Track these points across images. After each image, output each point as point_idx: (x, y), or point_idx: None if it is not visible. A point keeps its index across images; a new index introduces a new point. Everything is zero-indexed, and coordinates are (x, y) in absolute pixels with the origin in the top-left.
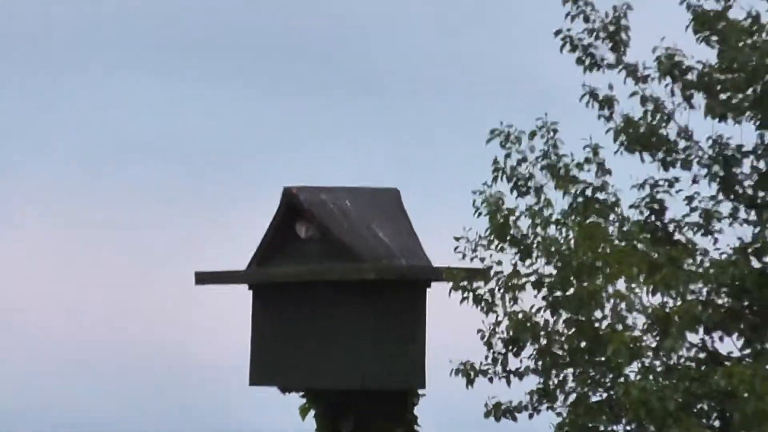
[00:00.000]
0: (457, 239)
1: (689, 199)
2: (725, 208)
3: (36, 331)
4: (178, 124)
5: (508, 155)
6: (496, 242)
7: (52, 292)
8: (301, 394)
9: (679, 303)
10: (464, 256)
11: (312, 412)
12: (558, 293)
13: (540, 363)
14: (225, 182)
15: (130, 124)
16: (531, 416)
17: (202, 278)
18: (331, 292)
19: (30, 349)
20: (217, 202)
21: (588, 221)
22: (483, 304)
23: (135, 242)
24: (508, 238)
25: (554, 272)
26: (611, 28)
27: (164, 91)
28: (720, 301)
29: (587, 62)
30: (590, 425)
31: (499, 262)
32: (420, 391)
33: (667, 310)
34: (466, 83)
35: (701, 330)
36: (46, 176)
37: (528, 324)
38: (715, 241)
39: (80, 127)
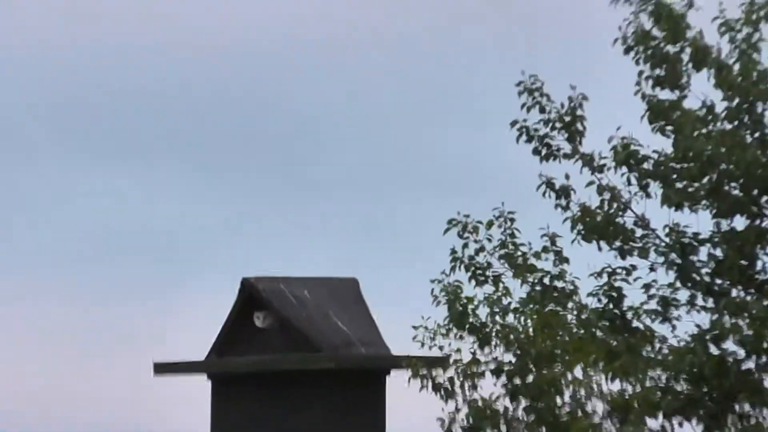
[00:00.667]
0: (415, 328)
1: (647, 286)
2: (683, 295)
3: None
4: (135, 217)
5: (465, 245)
6: (454, 330)
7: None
8: None
9: (638, 390)
10: (423, 344)
11: None
12: (517, 381)
13: None
14: (183, 273)
15: (82, 219)
16: None
17: (161, 369)
18: (290, 382)
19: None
20: (175, 293)
21: (546, 309)
22: (443, 391)
23: (92, 333)
24: (466, 326)
25: (513, 360)
26: (567, 119)
27: (118, 183)
28: (679, 388)
29: (543, 152)
30: None
31: (458, 350)
32: None
33: (627, 396)
34: (423, 174)
35: (660, 416)
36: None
37: (488, 411)
38: (673, 328)
39: (31, 221)
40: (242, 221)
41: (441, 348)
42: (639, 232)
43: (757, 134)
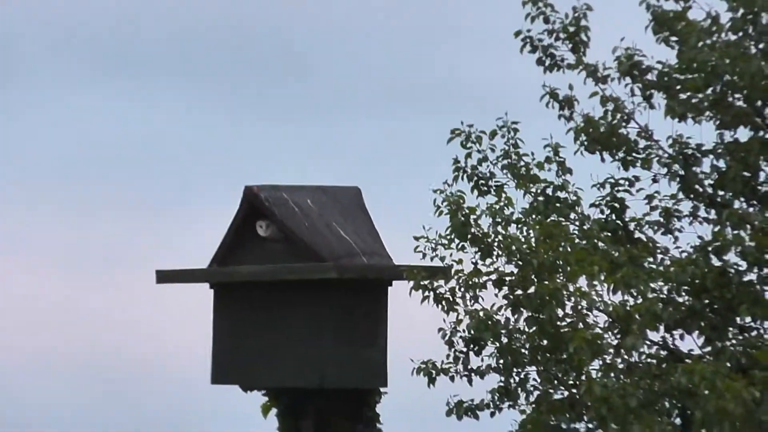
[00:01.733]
0: (417, 238)
1: (649, 198)
2: (685, 207)
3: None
4: (135, 128)
5: (468, 155)
6: (456, 241)
7: (4, 293)
8: (262, 392)
9: (639, 301)
10: (424, 255)
11: (274, 411)
12: (519, 292)
13: (501, 361)
14: (186, 182)
15: (79, 133)
16: (493, 414)
17: (164, 277)
18: (292, 292)
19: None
20: (178, 202)
21: (549, 220)
22: (444, 303)
23: (96, 242)
24: (468, 236)
25: (515, 271)
26: (571, 29)
27: (118, 96)
28: (680, 300)
29: (547, 63)
30: (552, 423)
31: (460, 261)
32: (382, 390)
33: (628, 308)
34: (427, 85)
35: (662, 328)
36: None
37: (489, 323)
38: (676, 240)
39: (35, 137)
40: (243, 135)
41: (442, 259)
42: (642, 143)
43: (761, 45)
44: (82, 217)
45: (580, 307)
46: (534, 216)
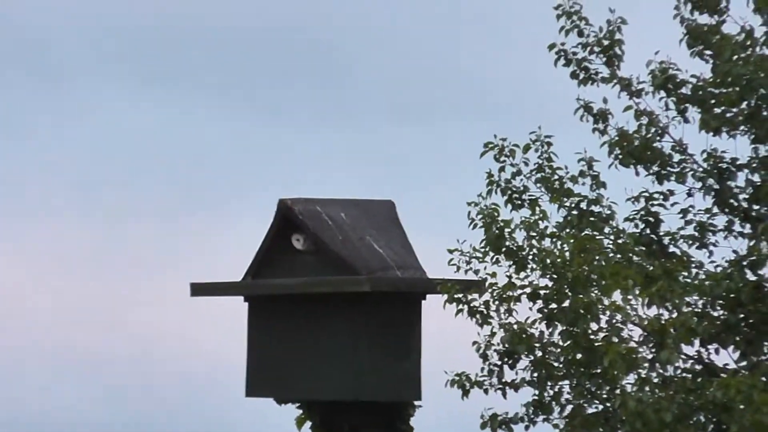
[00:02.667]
0: (450, 251)
1: (684, 212)
2: (720, 221)
3: (30, 337)
4: (171, 140)
5: (502, 168)
6: (491, 254)
7: (44, 301)
8: (297, 405)
9: (674, 315)
10: (458, 268)
11: (308, 423)
12: (553, 305)
13: (536, 375)
14: (221, 196)
15: (119, 142)
16: (527, 428)
17: (198, 289)
18: (326, 305)
19: (24, 355)
20: (213, 216)
21: (583, 234)
22: (478, 316)
23: (131, 255)
24: (503, 249)
25: (549, 284)
26: (605, 43)
27: (153, 104)
28: (715, 314)
29: (581, 76)
30: None
31: (494, 274)
32: (416, 403)
33: (663, 322)
34: (460, 98)
35: (697, 342)
36: (33, 192)
37: (523, 336)
38: (710, 254)
39: (69, 145)
40: (278, 143)
41: (476, 272)
42: (676, 157)
43: None
44: (117, 225)
45: (614, 320)
46: (568, 230)
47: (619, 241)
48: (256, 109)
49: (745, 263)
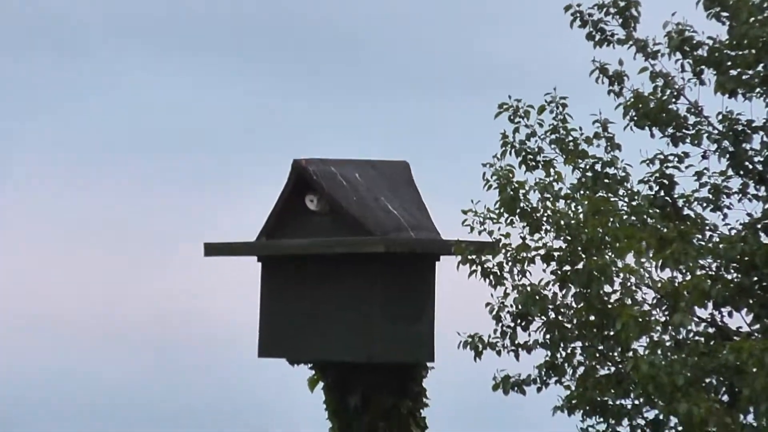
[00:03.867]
0: (464, 212)
1: (699, 174)
2: (735, 183)
3: (41, 303)
4: (183, 104)
5: (516, 129)
6: (505, 215)
7: (60, 267)
8: (309, 365)
9: (688, 278)
10: (472, 229)
11: (321, 384)
12: (567, 267)
13: (548, 337)
14: (235, 156)
15: (129, 109)
16: (539, 390)
17: (212, 249)
18: (339, 265)
19: (35, 320)
20: (226, 176)
21: (597, 196)
22: (491, 277)
23: (144, 218)
24: (517, 211)
25: (563, 246)
26: (621, 4)
27: (165, 69)
28: (729, 277)
29: (597, 38)
30: (598, 399)
31: (508, 235)
32: (428, 364)
33: (676, 285)
34: (475, 61)
35: (710, 305)
36: (48, 159)
37: (537, 297)
38: (725, 216)
39: (83, 112)
40: (293, 111)
41: (490, 233)
42: (692, 119)
43: None
44: (133, 189)
45: (628, 283)
46: (582, 191)
47: (634, 203)
48: (275, 78)
49: (759, 226)
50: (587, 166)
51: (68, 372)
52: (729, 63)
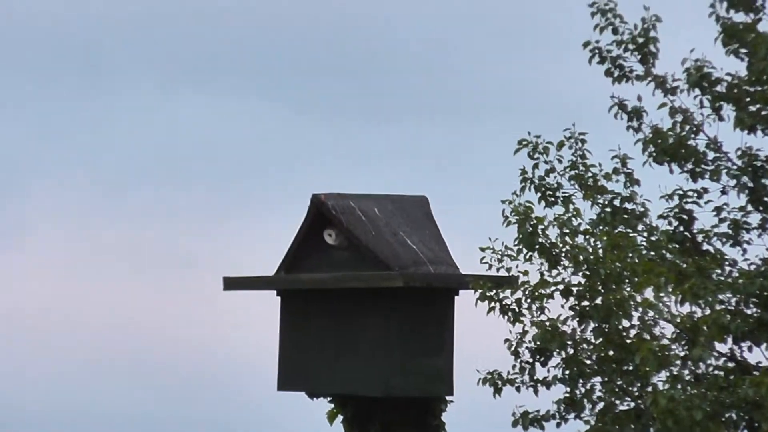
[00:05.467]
0: (483, 250)
1: (718, 210)
2: (754, 219)
3: (61, 335)
4: (203, 136)
5: (536, 165)
6: (524, 251)
7: (76, 300)
8: (329, 399)
9: (707, 312)
10: (490, 266)
11: (340, 418)
12: (586, 302)
13: (567, 372)
14: (253, 191)
15: (154, 138)
16: (558, 425)
17: (231, 283)
18: (358, 300)
19: (56, 353)
20: (245, 211)
21: (616, 231)
22: (510, 313)
23: (165, 249)
24: (536, 246)
25: (582, 281)
26: (640, 40)
27: (184, 101)
28: (748, 311)
29: (616, 74)
30: None
31: (526, 272)
32: (448, 398)
33: (696, 319)
34: (494, 98)
35: (730, 340)
36: (69, 189)
37: (555, 333)
38: (744, 251)
39: (100, 141)
40: (309, 142)
41: (508, 270)
42: (711, 155)
43: None
44: (150, 221)
45: (647, 317)
46: (601, 227)
47: (653, 238)
48: (289, 104)
49: None
50: (606, 202)
51: (72, 402)
52: (748, 99)
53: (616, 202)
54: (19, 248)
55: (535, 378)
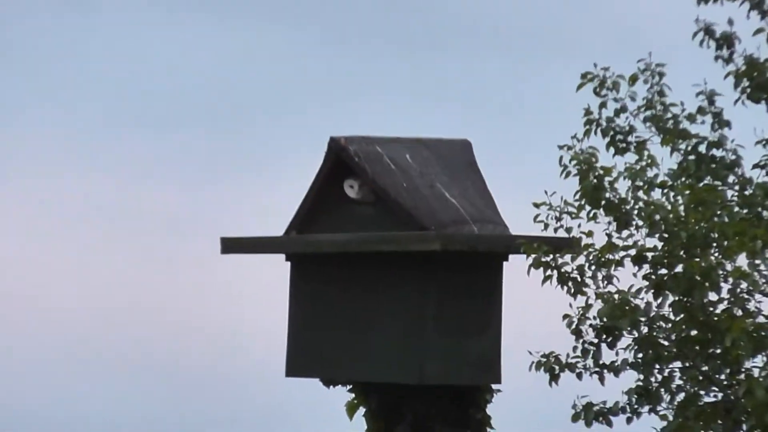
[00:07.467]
0: (537, 206)
1: None
2: None
3: (53, 304)
4: (199, 67)
5: (603, 104)
6: (587, 208)
7: (65, 261)
8: (348, 388)
9: None
10: (546, 226)
11: (361, 410)
12: (663, 271)
13: (640, 356)
14: (264, 138)
15: (152, 78)
16: (629, 420)
17: (230, 246)
18: (386, 266)
19: (50, 322)
20: (249, 155)
21: (701, 184)
22: (570, 284)
23: (153, 208)
24: (602, 203)
25: (659, 245)
26: None
27: (187, 29)
28: None
29: None
30: None
31: (590, 233)
32: (494, 387)
33: None
34: (557, 18)
35: None
36: (67, 129)
37: (626, 308)
38: None
39: (106, 77)
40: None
41: (569, 230)
42: None
43: None
44: (150, 174)
45: (738, 289)
46: (683, 179)
47: (746, 192)
48: (311, 31)
49: None
50: (689, 148)
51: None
52: None
53: (702, 149)
54: None
55: (600, 362)
